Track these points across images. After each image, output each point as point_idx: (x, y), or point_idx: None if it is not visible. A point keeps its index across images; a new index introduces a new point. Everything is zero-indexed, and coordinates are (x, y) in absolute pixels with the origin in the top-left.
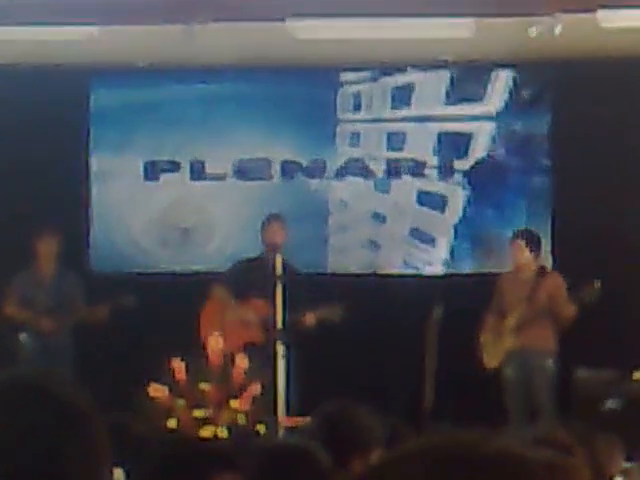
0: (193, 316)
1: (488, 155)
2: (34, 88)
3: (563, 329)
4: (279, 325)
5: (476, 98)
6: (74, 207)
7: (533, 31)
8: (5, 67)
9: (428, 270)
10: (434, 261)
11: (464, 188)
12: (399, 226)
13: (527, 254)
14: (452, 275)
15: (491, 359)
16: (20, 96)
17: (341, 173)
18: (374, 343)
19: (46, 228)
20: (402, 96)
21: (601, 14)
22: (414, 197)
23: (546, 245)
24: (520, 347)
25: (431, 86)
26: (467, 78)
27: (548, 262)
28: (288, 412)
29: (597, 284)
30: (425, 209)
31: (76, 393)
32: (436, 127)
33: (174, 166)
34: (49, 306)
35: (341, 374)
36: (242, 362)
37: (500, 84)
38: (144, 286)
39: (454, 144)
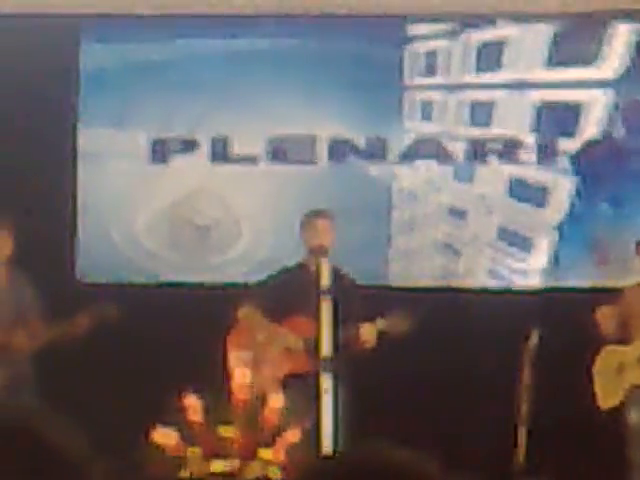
0: (212, 341)
1: (603, 133)
2: (8, 42)
3: None
4: (326, 351)
5: (587, 59)
6: (54, 195)
7: None
8: None
9: (522, 283)
10: (530, 271)
11: (571, 176)
12: (484, 225)
13: None
14: (554, 290)
15: (608, 398)
16: None
17: (408, 156)
18: (449, 377)
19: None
20: (490, 56)
21: None
22: (505, 187)
23: None
24: None
25: (529, 43)
26: (575, 33)
27: None
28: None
29: None
30: (519, 203)
31: (68, 437)
32: (534, 96)
33: (189, 145)
34: (9, 318)
35: (405, 415)
36: (276, 400)
37: (619, 41)
38: (149, 301)
39: (558, 119)
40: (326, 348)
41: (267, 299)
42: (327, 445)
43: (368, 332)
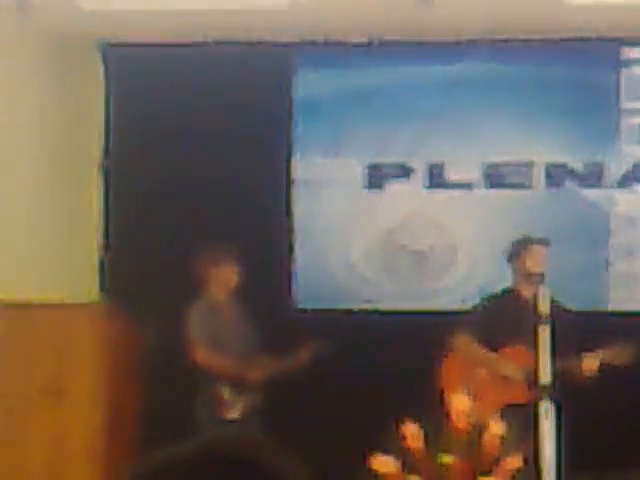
0: (428, 368)
1: None
2: (222, 73)
3: None
4: (545, 378)
5: None
6: (270, 224)
7: None
8: (180, 46)
9: None
10: None
11: None
12: None
13: None
14: None
15: None
16: (205, 85)
17: (626, 180)
18: None
19: (226, 253)
20: None
21: None
22: None
23: None
24: None
25: None
26: None
27: None
28: None
29: None
30: None
31: (291, 467)
32: None
33: (404, 171)
34: (241, 351)
35: (628, 441)
36: (496, 428)
37: None
38: (364, 327)
39: None
40: (545, 376)
41: (481, 326)
42: (549, 473)
43: (591, 362)
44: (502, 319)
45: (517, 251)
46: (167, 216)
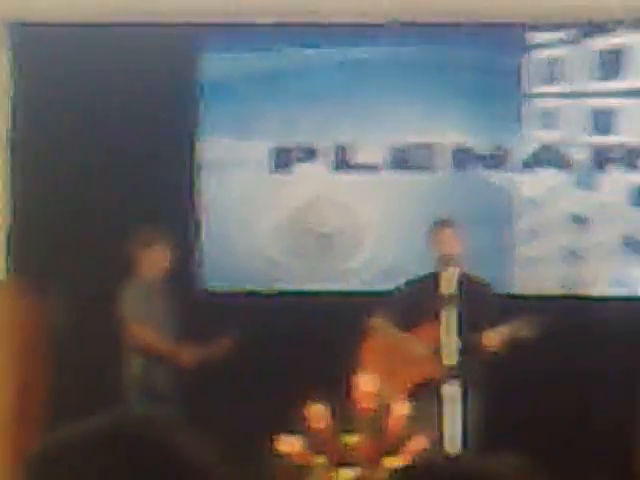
0: (334, 349)
1: None
2: (127, 54)
3: None
4: (450, 359)
5: None
6: (178, 207)
7: None
8: (90, 28)
9: None
10: None
11: None
12: (607, 233)
13: None
14: None
15: None
16: (110, 66)
17: (530, 164)
18: (574, 383)
19: (152, 234)
20: (611, 63)
21: None
22: (627, 195)
23: None
24: None
25: None
26: None
27: None
28: None
29: None
30: None
31: (198, 447)
32: None
33: (311, 153)
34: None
35: (534, 423)
36: (402, 409)
37: None
38: (271, 309)
39: None
40: (451, 356)
41: (398, 308)
42: (454, 452)
43: (490, 338)
44: (418, 300)
45: (430, 234)
46: (74, 196)
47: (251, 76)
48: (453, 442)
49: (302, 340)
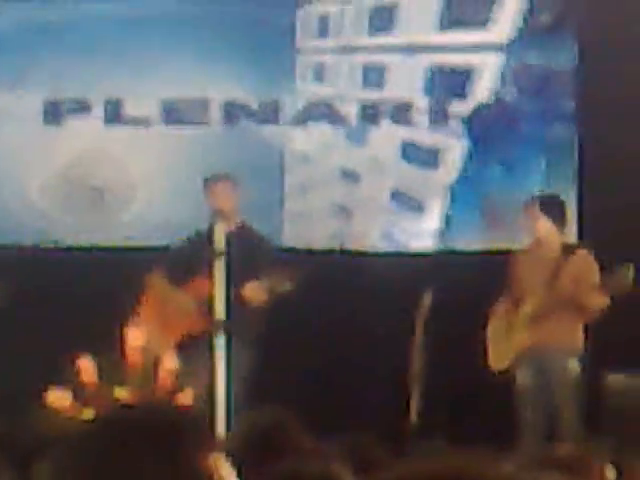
0: (108, 303)
1: (495, 97)
2: None
3: (591, 323)
4: (219, 313)
5: (479, 22)
6: None
7: None
8: None
9: (415, 245)
10: (423, 234)
11: (463, 139)
12: (377, 188)
13: (547, 226)
14: (446, 252)
15: (499, 359)
16: None
17: (301, 118)
18: (343, 338)
19: None
20: (382, 19)
21: None
22: (397, 150)
23: (571, 215)
24: (537, 344)
25: (420, 6)
26: None
27: (573, 237)
28: (229, 429)
29: (631, 267)
30: (411, 166)
31: None
32: (426, 59)
33: (83, 106)
34: None
35: (299, 376)
36: (169, 362)
37: (512, 5)
38: (42, 263)
39: (450, 82)
40: (220, 310)
41: (173, 264)
42: (221, 406)
43: (249, 290)
44: (192, 256)
45: (204, 190)
46: None
47: (22, 27)
48: (220, 397)
49: (74, 294)
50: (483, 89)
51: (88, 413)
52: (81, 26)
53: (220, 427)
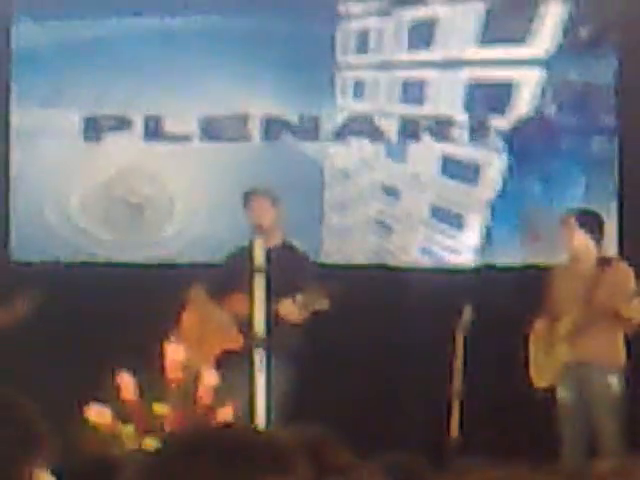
0: (148, 319)
1: (534, 112)
2: None
3: (634, 337)
4: (259, 328)
5: (519, 37)
6: None
7: None
8: None
9: (455, 260)
10: (463, 249)
11: (503, 154)
12: (417, 203)
13: (584, 240)
14: (486, 267)
15: (541, 376)
16: None
17: (341, 134)
18: (383, 355)
19: None
20: (422, 34)
21: None
22: (437, 165)
23: (610, 229)
24: (577, 359)
25: (460, 22)
26: (507, 11)
27: (612, 250)
28: None
29: None
30: (451, 181)
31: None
32: (466, 74)
33: (122, 123)
34: None
35: (339, 393)
36: (210, 378)
37: (550, 19)
38: (82, 279)
39: (490, 97)
40: (259, 326)
41: (214, 280)
42: (261, 423)
43: (283, 307)
44: (232, 272)
45: (244, 205)
46: None
47: (62, 45)
48: (260, 413)
49: (114, 310)
50: (523, 104)
51: (126, 429)
52: (121, 43)
53: None
